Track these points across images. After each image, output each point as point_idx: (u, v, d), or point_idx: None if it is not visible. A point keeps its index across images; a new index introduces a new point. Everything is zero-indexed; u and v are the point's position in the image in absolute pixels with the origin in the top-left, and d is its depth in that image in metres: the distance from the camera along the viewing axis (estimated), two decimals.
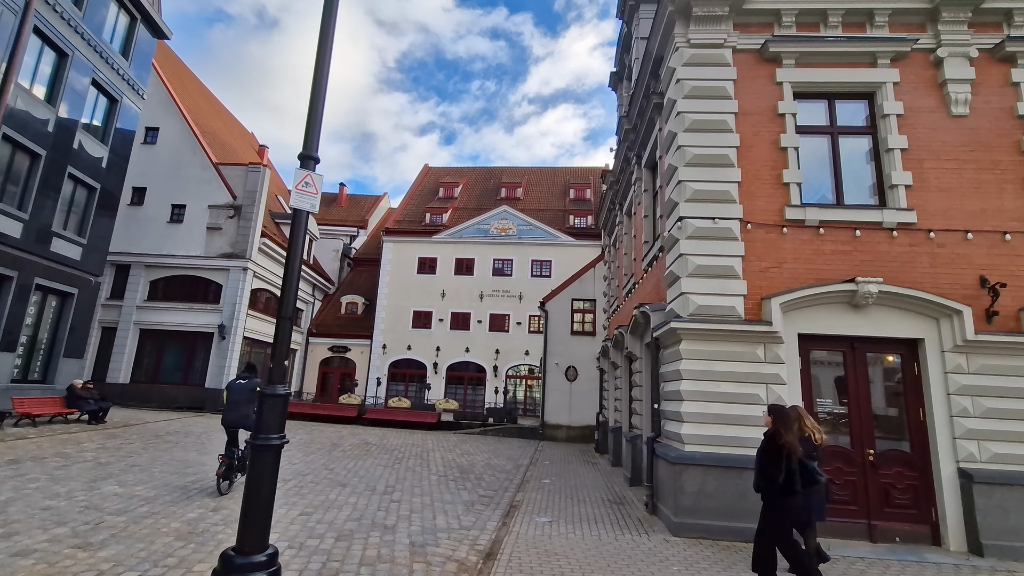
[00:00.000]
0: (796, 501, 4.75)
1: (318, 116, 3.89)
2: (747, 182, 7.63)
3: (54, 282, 15.37)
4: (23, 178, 14.26)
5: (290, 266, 3.70)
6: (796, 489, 4.71)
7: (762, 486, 4.90)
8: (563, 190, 35.87)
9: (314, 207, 3.87)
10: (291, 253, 3.69)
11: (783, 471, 4.69)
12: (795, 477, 4.70)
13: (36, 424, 13.19)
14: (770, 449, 4.83)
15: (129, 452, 10.29)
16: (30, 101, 14.07)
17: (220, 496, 7.13)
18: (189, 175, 24.19)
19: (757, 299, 7.24)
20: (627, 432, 12.31)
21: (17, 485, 6.91)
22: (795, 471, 4.71)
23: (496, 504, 7.97)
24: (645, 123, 10.38)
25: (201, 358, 22.98)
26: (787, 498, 4.73)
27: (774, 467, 4.75)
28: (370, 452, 12.91)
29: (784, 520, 4.78)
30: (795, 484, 4.71)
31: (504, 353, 29.25)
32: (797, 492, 4.73)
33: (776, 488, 4.75)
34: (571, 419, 19.86)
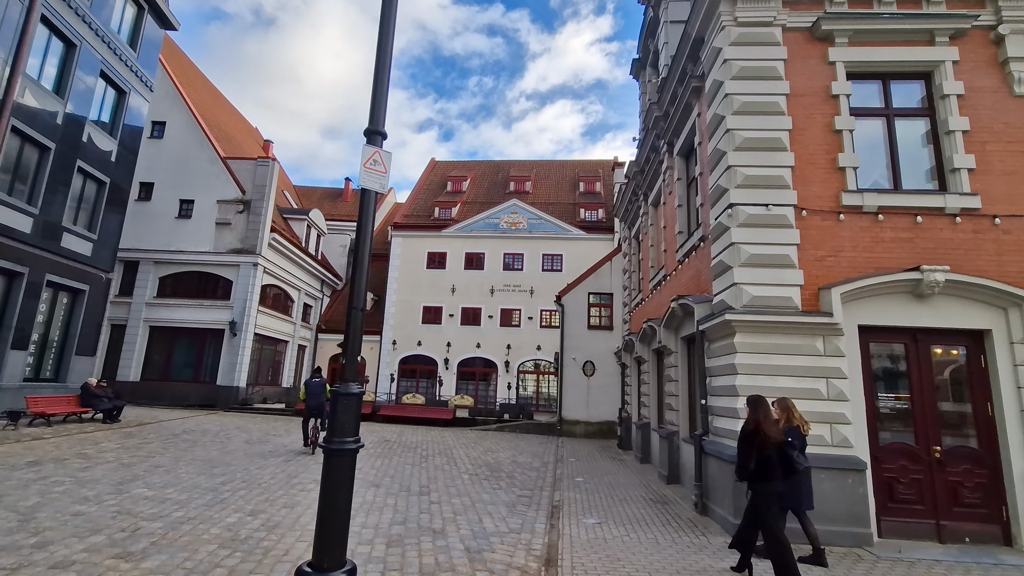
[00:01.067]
0: (771, 487, 4.90)
1: (383, 87, 3.56)
2: (800, 167, 7.27)
3: (65, 278, 15.05)
4: (32, 172, 13.92)
5: (360, 253, 3.36)
6: (770, 476, 4.88)
7: (738, 473, 5.16)
8: (572, 183, 35.46)
9: (383, 187, 3.54)
10: (360, 238, 3.36)
11: (753, 458, 4.95)
12: (770, 464, 4.88)
13: (51, 424, 12.90)
14: (744, 438, 5.11)
15: (150, 452, 9.99)
16: (38, 93, 13.70)
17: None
18: (197, 170, 23.84)
19: (814, 289, 6.90)
20: (657, 428, 12.02)
21: (43, 489, 6.61)
22: (769, 459, 4.89)
23: (537, 504, 7.67)
24: (680, 109, 10.00)
25: (211, 355, 22.69)
26: (761, 483, 4.93)
27: (746, 455, 5.05)
28: (393, 450, 12.61)
29: (762, 505, 4.90)
30: (769, 471, 4.88)
31: (515, 348, 28.94)
32: (772, 479, 4.89)
33: (750, 475, 5.00)
34: (589, 415, 19.57)
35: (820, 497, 6.16)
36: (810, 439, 6.38)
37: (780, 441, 4.99)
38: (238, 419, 17.97)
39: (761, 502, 4.92)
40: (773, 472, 4.88)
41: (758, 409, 5.13)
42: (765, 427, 4.98)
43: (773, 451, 4.90)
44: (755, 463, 4.94)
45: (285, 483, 7.98)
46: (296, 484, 7.95)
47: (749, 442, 5.03)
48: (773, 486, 4.90)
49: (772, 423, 5.10)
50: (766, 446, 4.90)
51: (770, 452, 4.89)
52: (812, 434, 6.40)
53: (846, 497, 6.18)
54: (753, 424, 5.04)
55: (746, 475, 5.05)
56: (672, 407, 10.10)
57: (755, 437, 4.97)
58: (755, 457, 4.94)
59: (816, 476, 6.22)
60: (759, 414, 5.08)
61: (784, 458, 4.97)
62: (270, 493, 7.21)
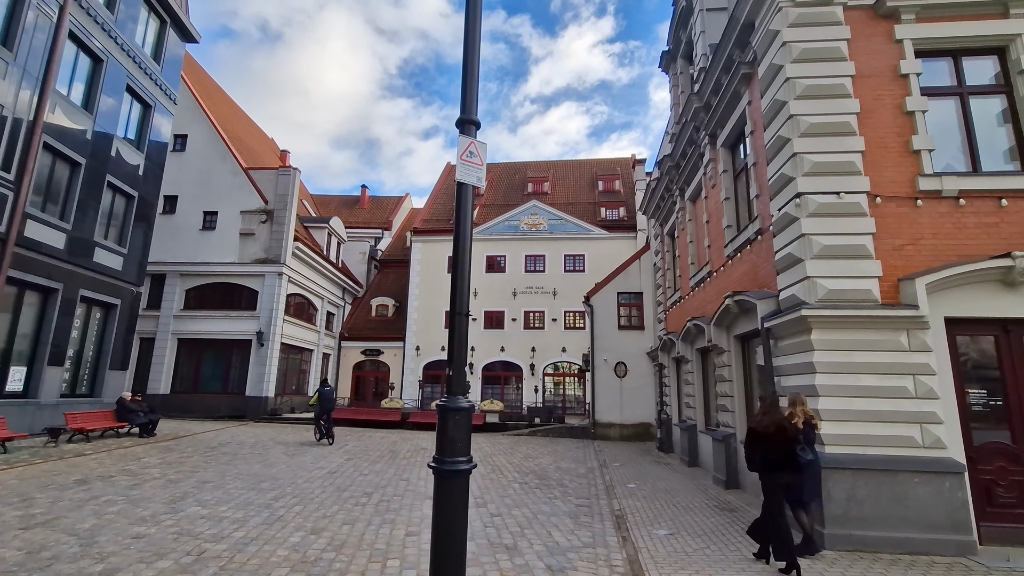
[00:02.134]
0: (777, 478, 5.25)
1: (474, 72, 3.29)
2: (871, 151, 6.87)
3: (98, 293, 15.06)
4: (64, 188, 13.94)
5: (460, 253, 3.08)
6: (776, 468, 5.25)
7: (748, 465, 5.56)
8: (591, 182, 35.08)
9: (480, 180, 3.27)
10: (460, 237, 3.08)
11: (757, 452, 5.37)
12: (773, 457, 5.28)
13: (90, 439, 12.84)
14: (750, 432, 5.55)
15: (193, 467, 9.83)
16: (68, 109, 13.73)
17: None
18: (220, 181, 23.90)
19: (893, 280, 6.49)
20: (706, 430, 11.61)
21: (97, 509, 6.42)
22: (774, 451, 5.27)
23: (599, 515, 7.33)
24: (725, 98, 9.63)
25: (239, 366, 22.68)
26: (768, 475, 5.30)
27: (751, 449, 5.48)
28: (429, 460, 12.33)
29: (769, 495, 5.29)
30: (775, 464, 5.26)
31: (540, 351, 28.59)
32: (777, 470, 5.26)
33: (756, 467, 5.39)
34: (623, 417, 19.14)
35: (915, 503, 5.77)
36: (900, 440, 6.03)
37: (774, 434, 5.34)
38: (270, 430, 17.87)
39: (767, 491, 5.33)
40: (779, 465, 5.27)
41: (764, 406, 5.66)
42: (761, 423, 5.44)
43: (777, 445, 5.28)
44: (761, 456, 5.36)
45: (336, 497, 7.74)
46: (348, 498, 7.70)
47: (752, 435, 5.50)
48: (778, 477, 5.26)
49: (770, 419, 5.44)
50: (767, 441, 5.32)
51: (772, 445, 5.29)
52: (901, 435, 6.05)
53: (944, 503, 5.76)
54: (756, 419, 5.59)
55: (753, 467, 5.45)
56: (726, 408, 9.69)
57: (756, 433, 5.44)
58: (760, 449, 5.38)
59: (908, 481, 5.85)
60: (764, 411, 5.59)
61: (789, 452, 5.30)
62: (325, 509, 6.96)
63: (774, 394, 5.94)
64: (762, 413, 5.58)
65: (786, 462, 5.25)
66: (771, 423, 5.38)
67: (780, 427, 5.37)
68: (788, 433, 5.36)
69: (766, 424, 5.39)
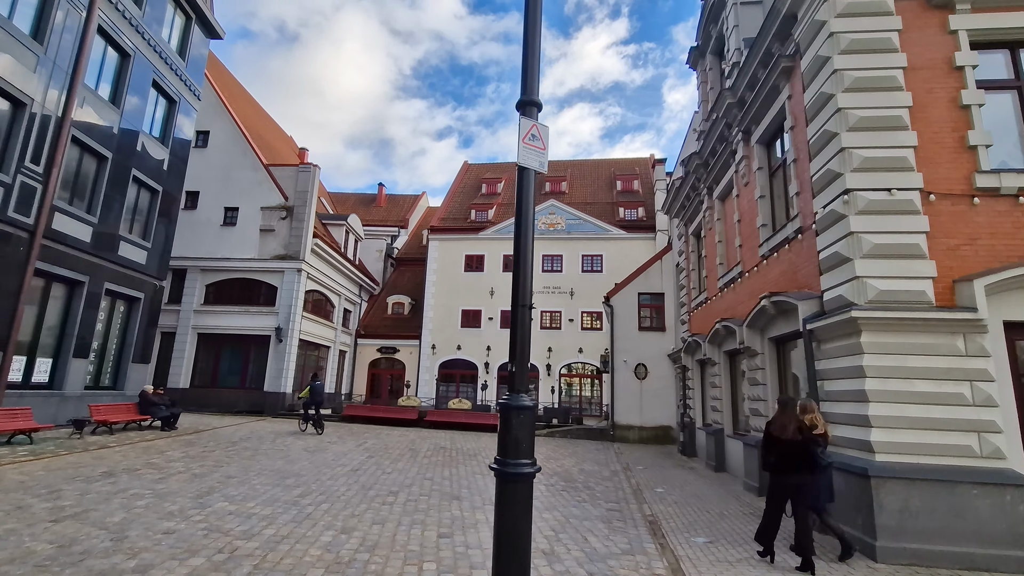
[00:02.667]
0: (786, 480, 5.36)
1: (535, 51, 3.12)
2: (924, 147, 6.57)
3: (122, 287, 15.15)
4: (90, 182, 14.03)
5: (522, 241, 2.91)
6: (788, 470, 5.35)
7: (761, 464, 5.81)
8: (609, 182, 34.77)
9: (543, 165, 3.09)
10: (521, 224, 2.90)
11: (772, 453, 5.50)
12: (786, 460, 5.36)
13: (113, 431, 12.90)
14: (766, 434, 5.67)
15: (216, 461, 9.78)
16: (96, 103, 13.81)
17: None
18: (240, 177, 24.04)
19: (948, 282, 6.19)
20: (733, 435, 11.32)
21: (125, 503, 6.35)
22: (788, 454, 5.36)
23: (632, 520, 7.11)
24: (762, 93, 9.34)
25: (257, 361, 22.77)
26: (778, 476, 5.44)
27: (766, 450, 5.63)
28: (454, 458, 12.20)
29: (774, 495, 5.47)
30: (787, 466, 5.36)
31: (557, 351, 28.37)
32: (788, 472, 5.35)
33: (770, 468, 5.53)
34: (643, 419, 18.85)
35: (975, 516, 5.47)
36: (956, 450, 5.76)
37: (790, 439, 5.39)
38: (287, 425, 17.86)
39: (772, 492, 5.50)
40: (791, 467, 5.34)
41: (781, 409, 5.72)
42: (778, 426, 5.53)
43: (789, 448, 5.36)
44: (775, 457, 5.47)
45: (362, 495, 7.61)
46: (375, 497, 7.56)
47: (767, 437, 5.62)
48: (787, 479, 5.37)
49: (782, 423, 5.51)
50: (779, 444, 5.42)
51: (783, 449, 5.39)
52: (958, 444, 5.77)
53: (1005, 516, 5.45)
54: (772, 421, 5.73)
55: (767, 467, 5.61)
56: (759, 412, 9.40)
57: (772, 434, 5.57)
58: (774, 450, 5.50)
59: (966, 492, 5.56)
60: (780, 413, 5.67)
61: (807, 455, 5.32)
62: (353, 507, 6.82)
63: (791, 398, 6.03)
64: (778, 416, 5.66)
65: (800, 465, 5.32)
66: (787, 426, 5.46)
67: (796, 431, 5.42)
68: (804, 437, 5.40)
69: (782, 427, 5.48)
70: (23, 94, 11.53)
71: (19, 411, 10.58)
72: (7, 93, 11.26)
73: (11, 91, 11.27)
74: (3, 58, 11.00)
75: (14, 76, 11.27)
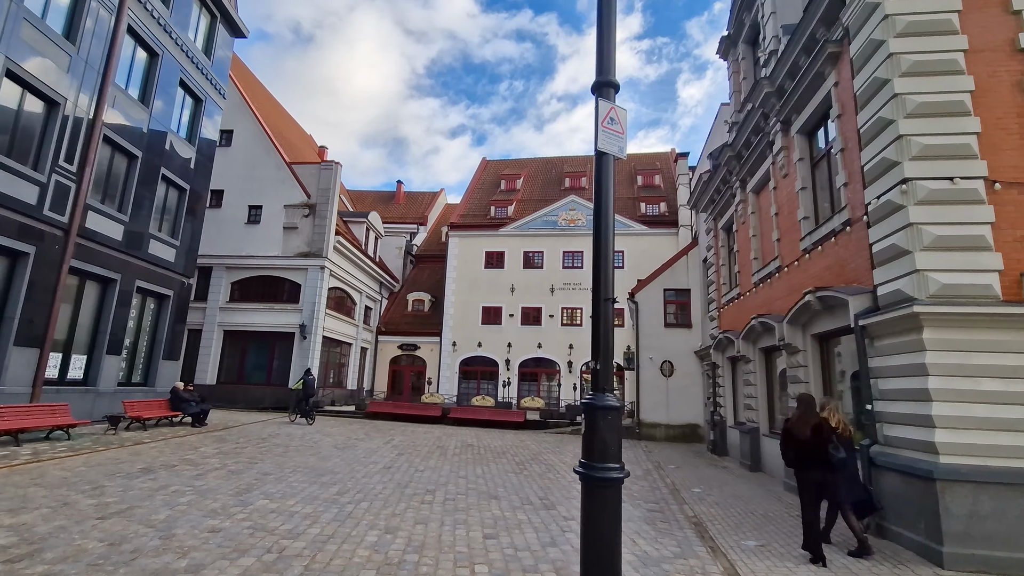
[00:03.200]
0: (809, 476, 5.59)
1: (610, 30, 2.95)
2: (988, 133, 6.24)
3: (152, 284, 15.32)
4: (121, 180, 14.18)
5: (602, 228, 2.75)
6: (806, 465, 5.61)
7: (786, 462, 5.97)
8: (629, 177, 34.34)
9: (622, 150, 2.95)
10: (601, 210, 2.74)
11: (791, 449, 5.74)
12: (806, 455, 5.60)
13: (146, 427, 13.05)
14: (786, 431, 5.93)
15: (250, 458, 9.80)
16: (126, 102, 13.94)
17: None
18: (264, 175, 24.21)
19: (1015, 275, 5.87)
20: (769, 433, 11.05)
21: (167, 499, 6.35)
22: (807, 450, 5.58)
23: (676, 522, 6.92)
24: (805, 81, 9.01)
25: (282, 358, 22.94)
26: (801, 472, 5.67)
27: (785, 446, 5.88)
28: (483, 456, 12.10)
29: (802, 491, 5.65)
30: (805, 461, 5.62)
31: (578, 348, 28.09)
32: (809, 468, 5.59)
33: (790, 463, 5.80)
34: (669, 417, 18.58)
35: None
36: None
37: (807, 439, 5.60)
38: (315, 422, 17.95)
39: (800, 488, 5.70)
40: (811, 463, 5.58)
41: (800, 406, 5.95)
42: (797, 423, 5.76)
43: (808, 445, 5.56)
44: (794, 452, 5.69)
45: (399, 494, 7.53)
46: (412, 495, 7.48)
47: (786, 434, 5.88)
48: (811, 475, 5.58)
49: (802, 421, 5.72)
50: (798, 441, 5.65)
51: (806, 445, 5.57)
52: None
53: None
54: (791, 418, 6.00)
55: (788, 463, 5.88)
56: None
57: (791, 431, 5.81)
58: (792, 446, 5.72)
59: None
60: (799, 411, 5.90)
61: (820, 452, 5.53)
62: (393, 506, 6.74)
63: (810, 396, 6.19)
64: (798, 414, 5.87)
65: (818, 462, 5.53)
66: (806, 423, 5.67)
67: (816, 427, 5.61)
68: (823, 434, 5.58)
69: (800, 425, 5.69)
70: (56, 93, 11.66)
71: (57, 407, 10.72)
72: (41, 93, 11.39)
73: (45, 91, 11.40)
74: (37, 58, 11.13)
75: (48, 76, 11.40)
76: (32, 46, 11.04)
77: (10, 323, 10.85)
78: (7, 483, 6.72)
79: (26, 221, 11.09)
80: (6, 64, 10.50)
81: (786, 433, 5.88)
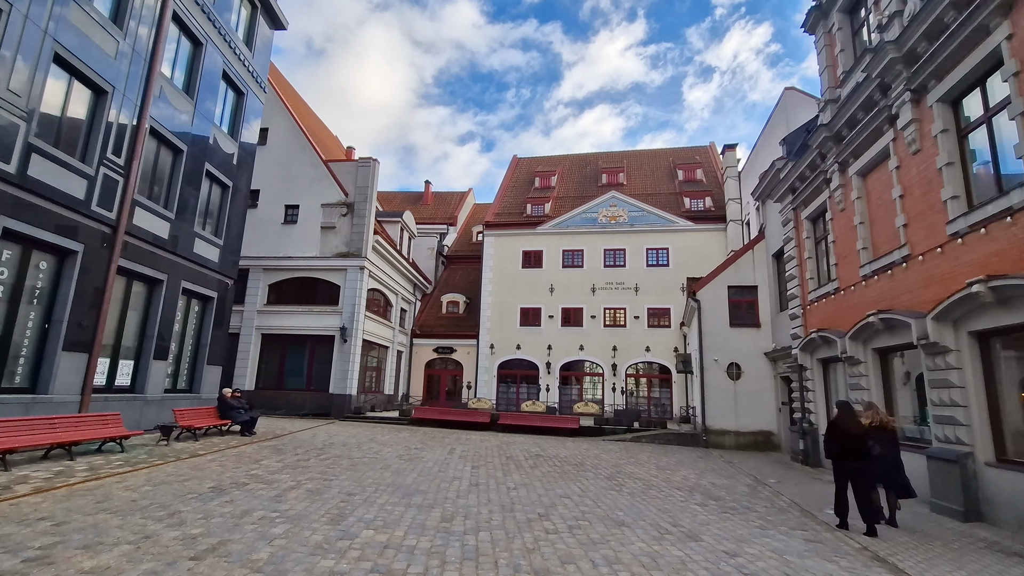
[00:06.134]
0: (847, 465, 6.70)
1: None
2: None
3: (198, 285, 14.56)
4: (167, 176, 13.44)
5: None
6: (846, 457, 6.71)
7: (825, 452, 7.19)
8: (669, 172, 33.12)
9: None
10: None
11: (836, 445, 6.86)
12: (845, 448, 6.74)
13: (197, 437, 12.23)
14: (828, 428, 7.12)
15: (322, 474, 8.86)
16: (172, 92, 13.20)
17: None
18: (300, 174, 23.52)
19: None
20: (933, 449, 9.80)
21: (259, 530, 5.39)
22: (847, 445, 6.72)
23: (847, 554, 5.77)
24: (955, 40, 7.81)
25: (321, 362, 22.14)
26: (839, 462, 6.80)
27: (829, 440, 7.01)
28: (563, 469, 11.04)
29: (839, 477, 6.85)
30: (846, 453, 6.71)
31: (622, 350, 26.97)
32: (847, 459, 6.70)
33: (832, 455, 6.91)
34: (738, 424, 17.33)
35: None
36: None
37: (856, 433, 6.77)
38: (361, 429, 17.07)
39: (837, 474, 6.88)
40: (849, 454, 6.71)
41: (841, 409, 7.08)
42: (842, 423, 6.89)
43: (850, 440, 6.73)
44: (837, 447, 6.82)
45: (510, 519, 6.50)
46: (526, 522, 6.44)
47: (831, 431, 7.01)
48: (848, 464, 6.72)
49: (851, 420, 6.91)
50: (846, 436, 6.78)
51: (849, 440, 6.73)
52: None
53: None
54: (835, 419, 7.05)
55: (829, 454, 6.98)
56: (955, 420, 7.90)
57: (836, 429, 6.94)
58: (837, 442, 6.85)
59: None
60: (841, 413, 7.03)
61: (861, 445, 6.71)
62: (515, 536, 5.71)
63: (847, 401, 7.53)
64: (840, 415, 6.99)
65: (857, 453, 6.68)
66: (850, 423, 6.87)
67: (858, 426, 6.88)
68: (862, 431, 6.85)
69: (845, 424, 6.86)
70: (105, 82, 10.91)
71: (109, 417, 9.92)
72: (90, 80, 10.65)
73: (94, 79, 10.66)
74: (86, 43, 10.38)
75: (96, 63, 10.65)
76: (80, 30, 10.30)
77: (58, 326, 10.09)
78: (72, 508, 5.83)
79: (74, 217, 10.33)
80: (54, 48, 9.75)
81: (833, 430, 6.99)
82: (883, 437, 7.23)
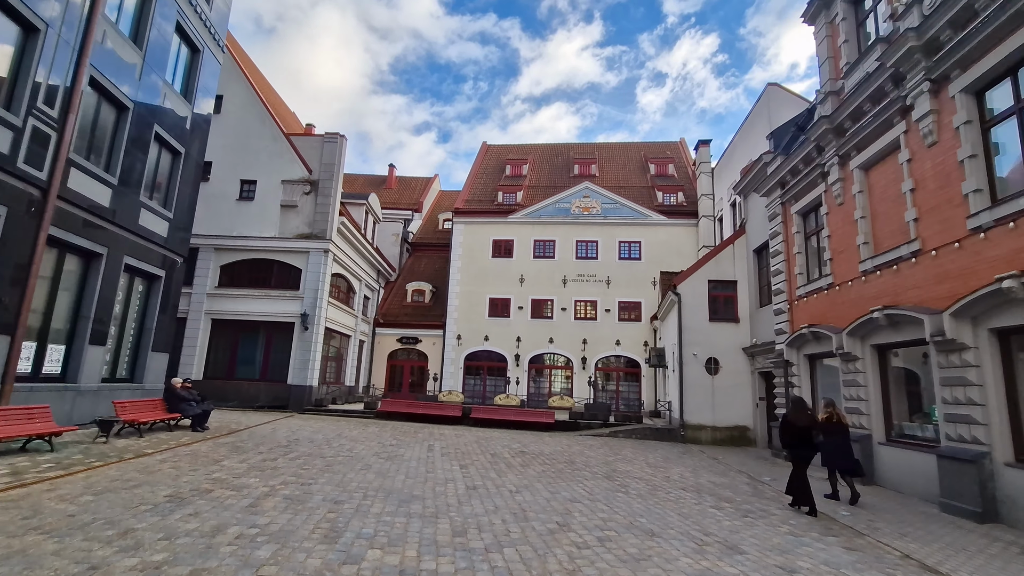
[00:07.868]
0: (799, 453, 7.72)
1: None
2: None
3: (142, 262, 12.93)
4: (109, 134, 11.77)
5: None
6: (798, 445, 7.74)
7: (781, 443, 8.15)
8: (641, 166, 33.01)
9: None
10: None
11: (788, 435, 7.83)
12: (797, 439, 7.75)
13: (141, 433, 10.78)
14: (782, 423, 8.13)
15: (296, 476, 7.79)
16: (117, 39, 11.53)
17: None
18: (258, 147, 21.70)
19: None
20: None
21: (240, 554, 4.38)
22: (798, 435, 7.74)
23: (887, 562, 5.36)
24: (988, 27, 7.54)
25: (279, 351, 20.57)
26: (793, 450, 7.80)
27: (784, 432, 7.93)
28: (557, 468, 10.37)
29: (796, 463, 7.78)
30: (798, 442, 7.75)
31: (592, 344, 26.63)
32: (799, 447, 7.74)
33: (786, 444, 7.88)
34: (715, 419, 17.23)
35: None
36: None
37: (802, 425, 7.74)
38: (325, 423, 15.85)
39: (795, 461, 7.76)
40: (802, 443, 7.71)
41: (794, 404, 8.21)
42: (792, 416, 7.90)
43: (799, 431, 7.72)
44: (791, 437, 7.75)
45: (529, 530, 5.74)
46: (546, 533, 5.69)
47: (784, 424, 7.96)
48: (800, 452, 7.69)
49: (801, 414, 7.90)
50: (794, 427, 7.75)
51: (797, 431, 7.73)
52: None
53: None
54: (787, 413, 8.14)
55: (784, 444, 7.89)
56: (972, 419, 7.72)
57: (787, 422, 7.90)
58: (788, 433, 7.80)
59: None
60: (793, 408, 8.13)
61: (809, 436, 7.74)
62: (543, 554, 4.94)
63: (800, 397, 9.10)
64: (793, 410, 8.01)
65: (804, 442, 7.69)
66: (799, 417, 7.83)
67: (804, 419, 7.81)
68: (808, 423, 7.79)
69: (798, 418, 7.82)
70: (37, 18, 9.26)
71: (36, 410, 8.44)
72: (19, 15, 8.99)
73: (24, 12, 9.01)
74: None
75: None
76: None
77: None
78: None
79: None
80: None
81: (786, 423, 7.91)
82: (836, 429, 8.43)
